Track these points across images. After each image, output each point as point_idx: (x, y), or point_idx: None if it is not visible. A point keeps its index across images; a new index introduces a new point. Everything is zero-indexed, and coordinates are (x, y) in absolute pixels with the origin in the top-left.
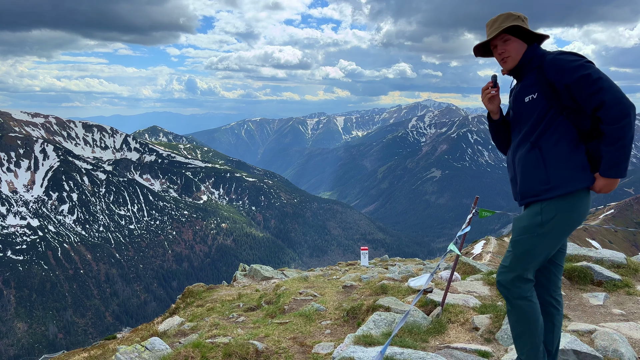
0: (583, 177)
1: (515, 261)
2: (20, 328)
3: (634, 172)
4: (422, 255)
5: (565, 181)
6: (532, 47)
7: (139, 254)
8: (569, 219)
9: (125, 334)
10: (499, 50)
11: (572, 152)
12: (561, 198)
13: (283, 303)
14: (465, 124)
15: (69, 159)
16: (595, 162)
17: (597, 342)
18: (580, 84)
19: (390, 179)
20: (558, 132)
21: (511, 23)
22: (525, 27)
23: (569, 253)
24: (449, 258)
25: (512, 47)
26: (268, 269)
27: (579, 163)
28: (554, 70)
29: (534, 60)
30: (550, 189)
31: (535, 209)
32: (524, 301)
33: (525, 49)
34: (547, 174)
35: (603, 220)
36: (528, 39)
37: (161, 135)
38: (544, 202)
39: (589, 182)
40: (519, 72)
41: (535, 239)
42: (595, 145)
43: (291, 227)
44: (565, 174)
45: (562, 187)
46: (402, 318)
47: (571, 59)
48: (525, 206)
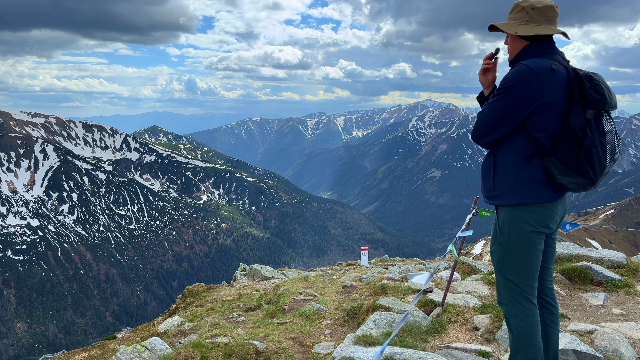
0: (525, 194)
1: (497, 270)
2: (20, 328)
3: (634, 172)
4: (422, 255)
5: (507, 193)
6: (531, 46)
7: (139, 254)
8: (520, 230)
9: (125, 334)
10: (506, 39)
11: (519, 167)
12: (509, 207)
13: (283, 303)
14: (465, 124)
15: (69, 159)
16: (550, 178)
17: (597, 342)
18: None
19: (390, 179)
20: (512, 144)
21: (509, 20)
22: (497, 27)
23: (569, 253)
24: (449, 258)
25: (509, 41)
26: (268, 269)
27: (523, 178)
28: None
29: (516, 64)
30: (496, 197)
31: (496, 214)
32: (517, 320)
33: (523, 46)
34: (494, 182)
35: (603, 220)
36: (533, 36)
37: (161, 135)
38: (499, 208)
39: (532, 200)
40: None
41: (502, 247)
42: (548, 161)
43: (291, 227)
44: (508, 186)
45: (504, 198)
46: (402, 318)
47: (507, 77)
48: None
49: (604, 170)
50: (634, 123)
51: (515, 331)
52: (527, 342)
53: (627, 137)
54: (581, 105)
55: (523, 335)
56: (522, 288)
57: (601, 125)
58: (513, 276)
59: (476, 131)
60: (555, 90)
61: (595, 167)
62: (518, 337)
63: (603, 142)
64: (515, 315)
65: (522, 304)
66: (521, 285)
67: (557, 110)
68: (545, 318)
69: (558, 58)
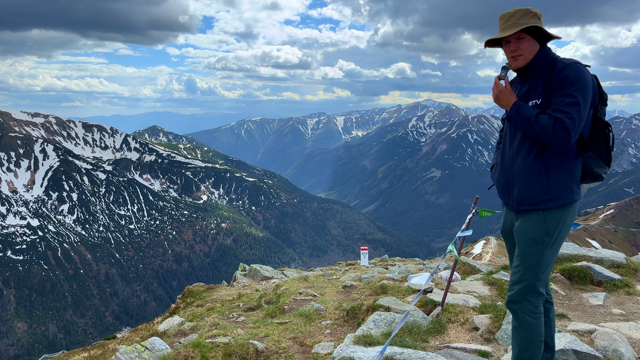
0: (578, 191)
1: (528, 273)
2: (20, 328)
3: (634, 172)
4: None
5: (564, 193)
6: (544, 50)
7: (139, 253)
8: (567, 229)
9: (125, 334)
10: (511, 47)
11: (571, 165)
12: (561, 208)
13: (283, 303)
14: (465, 124)
15: (69, 158)
16: (585, 174)
17: (597, 342)
18: (560, 98)
19: (390, 179)
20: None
21: (529, 22)
22: (543, 29)
23: (569, 253)
24: (449, 258)
25: (525, 46)
26: (268, 269)
27: (576, 176)
28: (558, 79)
29: (544, 64)
30: (551, 200)
31: (537, 218)
32: (533, 317)
33: (537, 49)
34: (549, 185)
35: (603, 220)
36: (542, 39)
37: (161, 135)
38: (546, 212)
39: (579, 196)
40: (526, 73)
41: (546, 249)
42: (587, 157)
43: (291, 227)
44: (564, 186)
45: (562, 199)
46: (402, 318)
47: (573, 77)
48: (517, 212)
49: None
50: (634, 123)
51: (527, 327)
52: (539, 337)
53: (627, 137)
54: (601, 102)
55: (536, 331)
56: (542, 284)
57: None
58: (544, 274)
59: (576, 132)
60: (595, 88)
61: (611, 156)
62: (529, 332)
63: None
64: (529, 312)
65: (539, 300)
66: (543, 282)
67: (593, 106)
68: (551, 314)
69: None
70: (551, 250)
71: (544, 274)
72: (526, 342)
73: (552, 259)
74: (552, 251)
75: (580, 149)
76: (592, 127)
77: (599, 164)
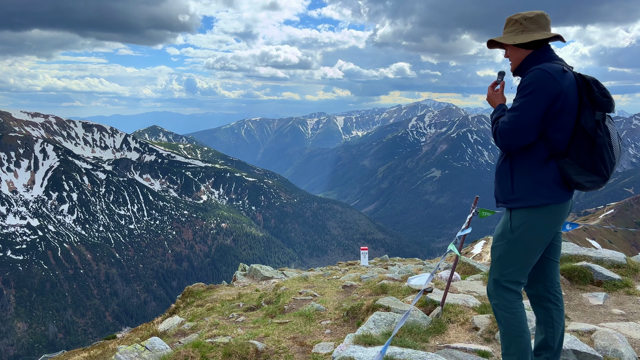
0: (546, 194)
1: (493, 267)
2: (20, 328)
3: (634, 172)
4: (422, 255)
5: (527, 195)
6: (534, 54)
7: (139, 253)
8: (535, 230)
9: (125, 334)
10: (505, 53)
11: (539, 168)
12: (527, 209)
13: (283, 303)
14: (465, 123)
15: (69, 158)
16: (568, 181)
17: (597, 342)
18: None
19: (390, 179)
20: (529, 147)
21: (507, 33)
22: (499, 42)
23: (569, 253)
24: (449, 258)
25: (510, 54)
26: (268, 269)
27: (544, 180)
28: (519, 85)
29: (530, 69)
30: (516, 200)
31: (506, 215)
32: (508, 312)
33: (525, 55)
34: (513, 186)
35: (603, 220)
36: (534, 44)
37: (161, 135)
38: (513, 210)
39: (552, 200)
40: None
41: (508, 245)
42: (563, 163)
43: (291, 227)
44: (529, 188)
45: (524, 200)
46: (402, 318)
47: (526, 83)
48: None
49: (613, 168)
50: (634, 123)
51: (505, 323)
52: (517, 333)
53: (627, 137)
54: (590, 107)
55: (513, 327)
56: (512, 282)
57: (605, 126)
58: (509, 270)
59: (509, 137)
60: (571, 92)
61: (607, 165)
62: (509, 328)
63: (609, 141)
64: (504, 308)
65: (512, 296)
66: (513, 279)
67: (572, 112)
68: (554, 314)
69: (563, 62)
70: (515, 247)
71: (507, 270)
72: (507, 337)
73: (518, 257)
74: (517, 249)
75: (555, 153)
76: (573, 133)
77: (578, 171)
